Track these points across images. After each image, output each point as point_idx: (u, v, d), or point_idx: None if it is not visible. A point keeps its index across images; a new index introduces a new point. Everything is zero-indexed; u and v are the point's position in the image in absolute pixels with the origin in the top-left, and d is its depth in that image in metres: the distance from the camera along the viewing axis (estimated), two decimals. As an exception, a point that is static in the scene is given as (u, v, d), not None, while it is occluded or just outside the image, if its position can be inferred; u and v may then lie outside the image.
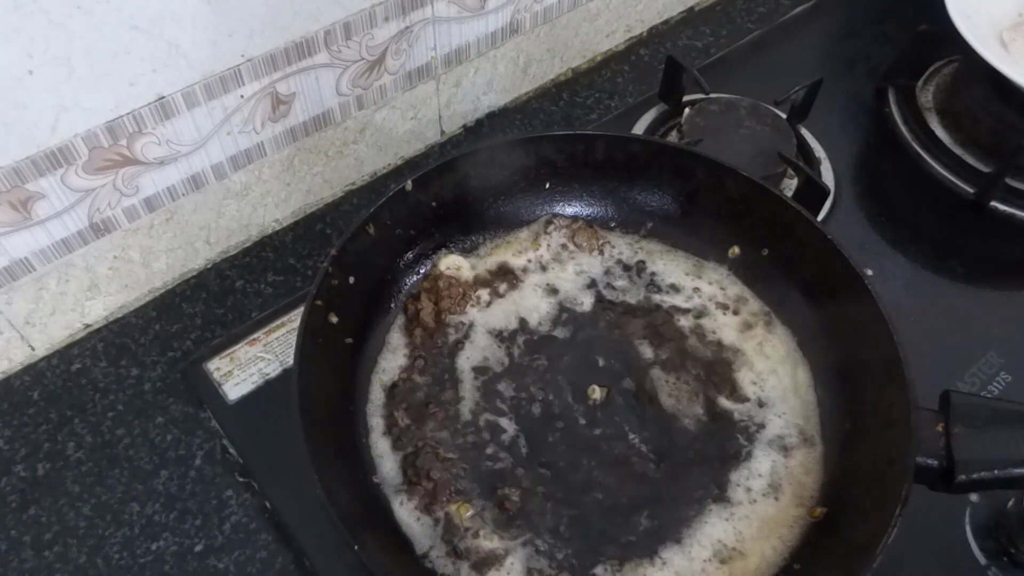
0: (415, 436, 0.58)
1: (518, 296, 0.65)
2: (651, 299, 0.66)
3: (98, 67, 0.54)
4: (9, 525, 0.59)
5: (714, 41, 0.93)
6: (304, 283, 0.72)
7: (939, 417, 0.51)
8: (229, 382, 0.64)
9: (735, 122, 0.76)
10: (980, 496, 0.59)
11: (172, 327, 0.69)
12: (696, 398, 0.61)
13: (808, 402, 0.60)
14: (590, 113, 0.86)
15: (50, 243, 0.60)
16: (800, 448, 0.58)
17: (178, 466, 0.62)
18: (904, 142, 0.79)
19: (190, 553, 0.58)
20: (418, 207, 0.64)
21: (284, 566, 0.58)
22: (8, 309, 0.62)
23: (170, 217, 0.66)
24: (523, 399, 0.60)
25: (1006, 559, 0.57)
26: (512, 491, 0.55)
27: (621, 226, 0.70)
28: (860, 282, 0.57)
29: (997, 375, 0.66)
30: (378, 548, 0.50)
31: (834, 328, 0.61)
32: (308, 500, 0.49)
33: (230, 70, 0.61)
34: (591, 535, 0.54)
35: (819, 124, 0.80)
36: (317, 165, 0.73)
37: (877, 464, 0.53)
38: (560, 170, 0.68)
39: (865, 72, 0.88)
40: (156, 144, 0.61)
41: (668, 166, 0.67)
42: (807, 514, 0.55)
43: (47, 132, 0.55)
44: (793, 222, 0.62)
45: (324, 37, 0.64)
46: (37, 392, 0.65)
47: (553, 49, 0.85)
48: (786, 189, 0.75)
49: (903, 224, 0.77)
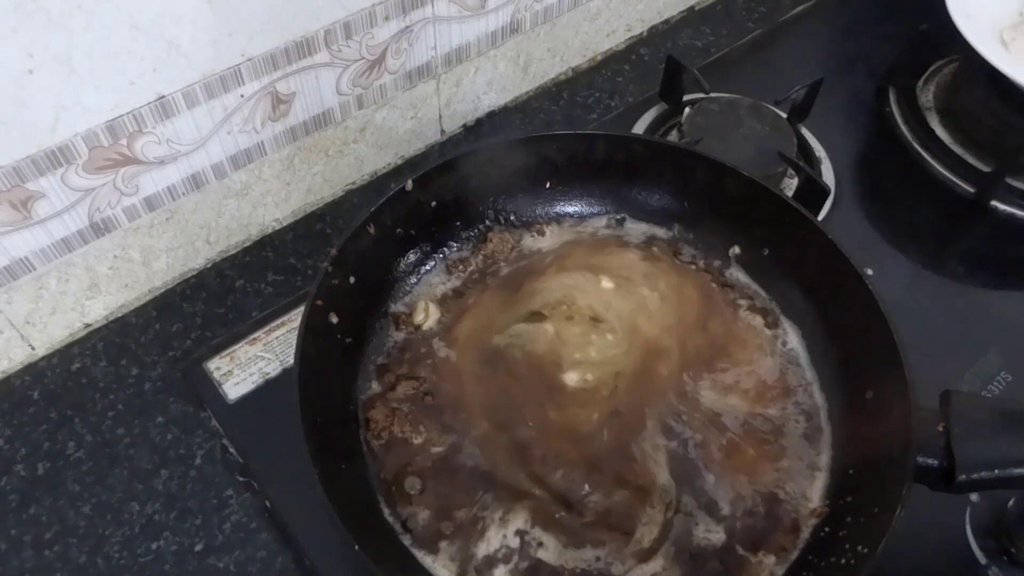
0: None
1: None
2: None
3: (98, 66, 0.54)
4: (9, 524, 0.59)
5: (714, 41, 0.93)
6: (304, 283, 0.72)
7: (939, 417, 0.51)
8: (229, 382, 0.64)
9: (735, 122, 0.76)
10: (980, 496, 0.59)
11: (172, 326, 0.69)
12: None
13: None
14: (590, 113, 0.86)
15: (50, 242, 0.60)
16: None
17: (178, 465, 0.62)
18: (904, 142, 0.79)
19: (190, 552, 0.58)
20: (418, 207, 0.64)
21: (284, 566, 0.58)
22: (8, 308, 0.62)
23: (170, 216, 0.66)
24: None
25: (1006, 559, 0.57)
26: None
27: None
28: (860, 282, 0.57)
29: (997, 375, 0.66)
30: (378, 548, 0.50)
31: (834, 328, 0.61)
32: (308, 500, 0.49)
33: (230, 69, 0.61)
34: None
35: (819, 124, 0.80)
36: (317, 164, 0.73)
37: (877, 464, 0.53)
38: (560, 170, 0.68)
39: (865, 72, 0.88)
40: (156, 143, 0.61)
41: (668, 166, 0.67)
42: (808, 513, 0.55)
43: (47, 131, 0.55)
44: (793, 222, 0.62)
45: (324, 36, 0.64)
46: (37, 391, 0.65)
47: (553, 48, 0.85)
48: (786, 189, 0.75)
49: (903, 224, 0.77)
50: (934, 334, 0.67)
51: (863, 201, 0.78)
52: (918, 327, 0.57)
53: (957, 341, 0.68)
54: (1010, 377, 0.66)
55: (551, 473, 0.55)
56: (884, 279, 0.58)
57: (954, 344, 0.68)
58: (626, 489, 0.55)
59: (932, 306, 0.71)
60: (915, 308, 0.68)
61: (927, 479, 0.50)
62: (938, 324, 0.69)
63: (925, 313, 0.69)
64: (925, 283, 0.73)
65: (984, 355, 0.67)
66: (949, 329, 0.69)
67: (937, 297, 0.72)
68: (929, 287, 0.73)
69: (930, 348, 0.59)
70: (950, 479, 0.50)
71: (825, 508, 0.55)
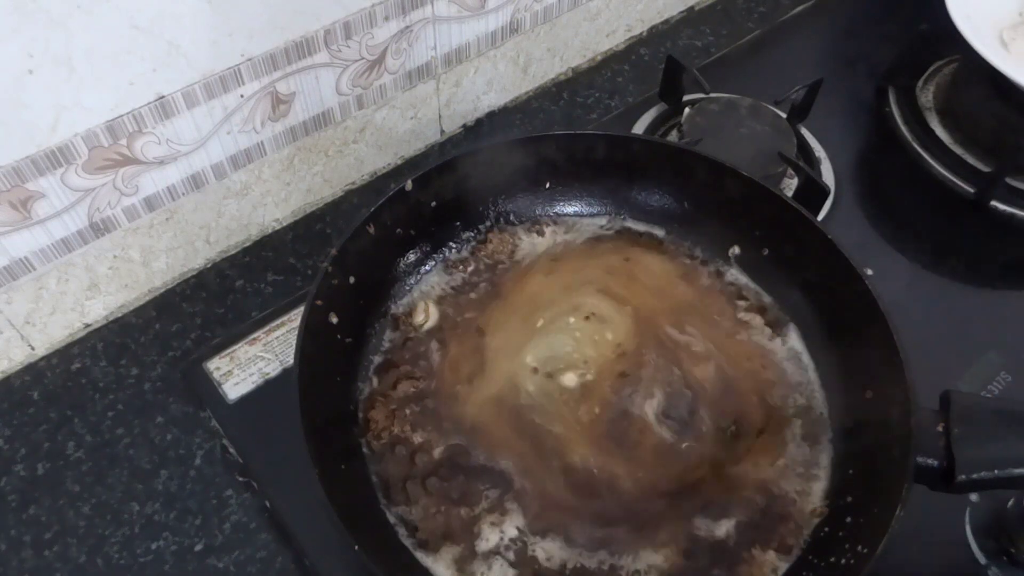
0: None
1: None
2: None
3: (98, 66, 0.54)
4: (9, 524, 0.59)
5: (714, 41, 0.93)
6: (304, 283, 0.72)
7: (939, 417, 0.51)
8: (229, 382, 0.64)
9: (735, 122, 0.76)
10: (980, 496, 0.59)
11: (172, 327, 0.69)
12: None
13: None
14: (590, 113, 0.86)
15: (50, 242, 0.60)
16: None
17: (178, 466, 0.62)
18: (904, 142, 0.79)
19: (190, 553, 0.58)
20: (418, 207, 0.64)
21: (284, 566, 0.58)
22: (8, 308, 0.62)
23: (170, 216, 0.66)
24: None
25: (1006, 559, 0.57)
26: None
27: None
28: (860, 282, 0.57)
29: (997, 375, 0.66)
30: (378, 548, 0.50)
31: (834, 328, 0.61)
32: (308, 500, 0.49)
33: (230, 69, 0.61)
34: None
35: (819, 124, 0.80)
36: (317, 164, 0.73)
37: (877, 464, 0.53)
38: (560, 170, 0.68)
39: (865, 72, 0.88)
40: (156, 143, 0.61)
41: (668, 166, 0.67)
42: (808, 513, 0.55)
43: (47, 131, 0.55)
44: (793, 222, 0.62)
45: (324, 36, 0.64)
46: (37, 392, 0.65)
47: (553, 48, 0.85)
48: (786, 189, 0.75)
49: (903, 224, 0.77)
50: (934, 334, 0.66)
51: (863, 201, 0.78)
52: (918, 327, 0.57)
53: (957, 341, 0.68)
54: (1010, 377, 0.66)
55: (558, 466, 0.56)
56: (884, 279, 0.58)
57: (954, 344, 0.68)
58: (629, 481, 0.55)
59: (932, 306, 0.71)
60: (915, 308, 0.68)
61: (927, 479, 0.50)
62: (938, 324, 0.69)
63: (925, 313, 0.69)
64: (925, 283, 0.73)
65: (984, 355, 0.67)
66: (949, 329, 0.69)
67: (937, 297, 0.72)
68: (929, 287, 0.73)
69: (930, 348, 0.59)
70: (950, 479, 0.50)
71: (825, 508, 0.55)
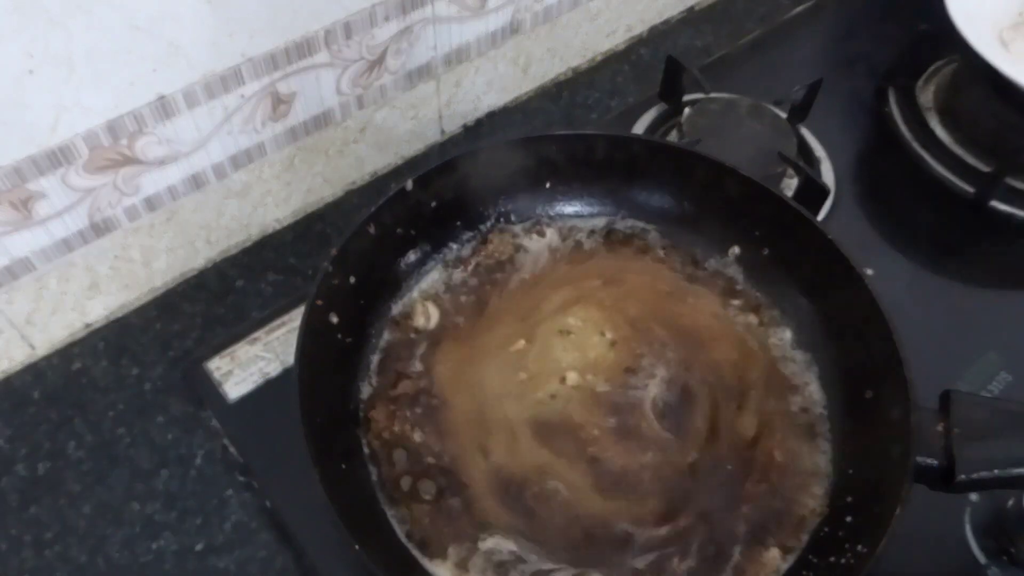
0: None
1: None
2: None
3: (98, 66, 0.54)
4: (10, 524, 0.59)
5: (714, 41, 0.93)
6: (304, 283, 0.71)
7: (939, 417, 0.51)
8: (229, 381, 0.64)
9: (735, 122, 0.76)
10: (980, 496, 0.59)
11: (172, 326, 0.69)
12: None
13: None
14: (590, 113, 0.86)
15: (51, 242, 0.61)
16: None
17: (178, 465, 0.62)
18: (904, 142, 0.79)
19: (190, 552, 0.58)
20: (419, 207, 0.64)
21: (284, 566, 0.58)
22: (9, 308, 0.62)
23: (171, 216, 0.66)
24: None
25: (1006, 559, 0.57)
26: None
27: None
28: (860, 282, 0.57)
29: (997, 375, 0.66)
30: (378, 548, 0.50)
31: (834, 328, 0.61)
32: (308, 500, 0.49)
33: (230, 69, 0.61)
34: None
35: (819, 124, 0.80)
36: (317, 164, 0.73)
37: (877, 464, 0.53)
38: (560, 170, 0.68)
39: (865, 72, 0.88)
40: (157, 143, 0.61)
41: (668, 166, 0.67)
42: (808, 513, 0.55)
43: (47, 131, 0.55)
44: (793, 222, 0.62)
45: (324, 37, 0.64)
46: (38, 391, 0.65)
47: (553, 49, 0.85)
48: (786, 189, 0.75)
49: (903, 224, 0.77)
50: (934, 334, 0.66)
51: (863, 201, 0.78)
52: (918, 327, 0.57)
53: (957, 341, 0.68)
54: (1010, 377, 0.66)
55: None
56: (884, 279, 0.58)
57: (954, 344, 0.68)
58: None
59: (932, 306, 0.71)
60: (915, 308, 0.68)
61: (927, 479, 0.50)
62: (938, 324, 0.69)
63: (925, 313, 0.69)
64: (925, 283, 0.73)
65: (984, 355, 0.67)
66: (949, 329, 0.69)
67: (937, 297, 0.72)
68: (929, 287, 0.73)
69: (930, 348, 0.59)
70: (950, 479, 0.50)
71: (825, 508, 0.55)
